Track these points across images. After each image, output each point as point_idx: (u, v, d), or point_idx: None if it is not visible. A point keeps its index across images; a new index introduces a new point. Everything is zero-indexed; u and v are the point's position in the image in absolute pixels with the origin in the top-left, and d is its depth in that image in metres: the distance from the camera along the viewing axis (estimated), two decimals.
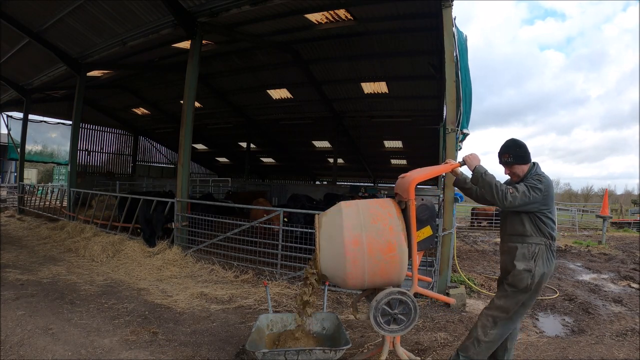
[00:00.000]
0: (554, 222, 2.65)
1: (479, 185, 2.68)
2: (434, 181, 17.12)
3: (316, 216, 2.64)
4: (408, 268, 2.58)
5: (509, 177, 2.82)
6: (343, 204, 2.64)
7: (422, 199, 2.64)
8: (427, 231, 2.57)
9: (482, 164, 2.70)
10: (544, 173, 2.64)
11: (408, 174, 2.64)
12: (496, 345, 2.70)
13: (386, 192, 14.45)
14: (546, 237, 2.59)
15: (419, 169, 2.71)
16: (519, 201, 2.52)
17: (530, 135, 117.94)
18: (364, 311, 3.70)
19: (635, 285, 5.77)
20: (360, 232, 2.45)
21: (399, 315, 2.46)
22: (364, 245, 2.43)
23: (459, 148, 5.21)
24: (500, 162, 2.74)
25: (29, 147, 15.13)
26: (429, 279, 3.53)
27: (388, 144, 16.29)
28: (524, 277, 2.55)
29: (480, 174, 2.63)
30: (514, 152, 2.67)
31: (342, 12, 7.93)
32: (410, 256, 2.50)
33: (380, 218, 2.49)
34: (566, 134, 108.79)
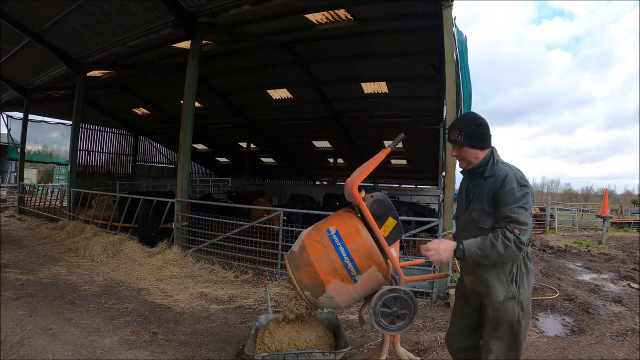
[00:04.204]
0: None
1: (484, 262, 1.99)
2: (434, 181, 17.17)
3: (285, 258, 2.56)
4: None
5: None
6: (304, 236, 2.53)
7: (372, 195, 2.56)
8: (390, 223, 2.49)
9: (450, 248, 2.00)
10: (520, 170, 2.02)
11: (349, 178, 2.54)
12: None
13: (386, 192, 14.45)
14: None
15: (357, 170, 2.59)
16: (529, 234, 1.93)
17: (534, 135, 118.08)
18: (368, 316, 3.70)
19: (635, 285, 5.77)
20: (331, 258, 2.40)
21: (400, 311, 2.45)
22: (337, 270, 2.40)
23: None
24: (449, 139, 2.15)
25: (29, 147, 15.13)
26: (420, 260, 3.49)
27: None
28: (509, 307, 1.98)
29: (476, 256, 1.94)
30: (467, 130, 2.05)
31: (342, 12, 7.92)
32: (385, 254, 2.47)
33: (370, 285, 2.45)
34: (569, 134, 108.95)
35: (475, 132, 2.05)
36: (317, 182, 21.17)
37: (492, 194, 1.98)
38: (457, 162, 2.22)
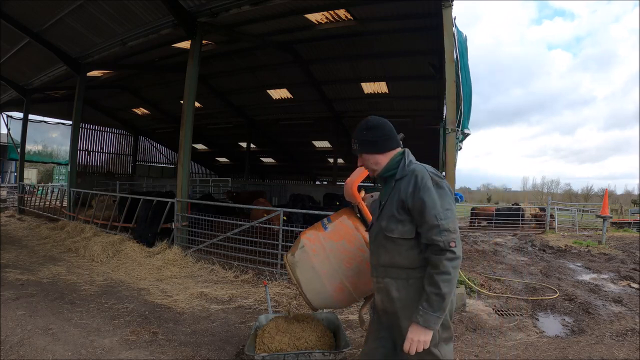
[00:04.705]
0: None
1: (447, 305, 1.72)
2: None
3: (285, 258, 2.54)
4: None
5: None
6: (304, 237, 2.51)
7: (372, 196, 2.55)
8: None
9: (428, 324, 1.67)
10: (433, 168, 1.84)
11: (349, 178, 2.51)
12: None
13: None
14: None
15: (357, 170, 2.51)
16: (459, 249, 1.69)
17: (534, 135, 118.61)
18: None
19: (635, 285, 5.77)
20: (330, 259, 2.41)
21: None
22: (340, 272, 2.38)
23: (459, 148, 5.21)
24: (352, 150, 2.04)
25: (29, 147, 15.14)
26: None
27: None
28: None
29: (439, 318, 1.67)
30: (359, 137, 1.93)
31: (342, 12, 7.93)
32: None
33: (341, 235, 2.43)
34: (570, 134, 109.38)
35: (366, 137, 1.92)
36: (317, 182, 21.18)
37: (403, 197, 1.75)
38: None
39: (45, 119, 17.48)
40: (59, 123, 18.14)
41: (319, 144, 17.81)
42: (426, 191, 1.70)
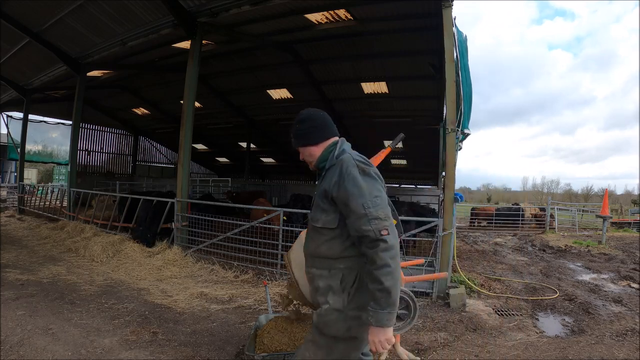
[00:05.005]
0: None
1: (395, 301, 1.63)
2: (434, 181, 17.18)
3: (285, 256, 2.55)
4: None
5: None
6: (303, 234, 2.50)
7: None
8: None
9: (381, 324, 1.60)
10: (361, 155, 1.80)
11: None
12: None
13: (386, 192, 14.45)
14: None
15: None
16: (393, 237, 1.63)
17: (535, 135, 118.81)
18: None
19: (635, 285, 5.77)
20: None
21: (400, 312, 2.45)
22: None
23: (459, 148, 5.22)
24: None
25: (29, 147, 15.14)
26: (420, 260, 3.45)
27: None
28: (331, 319, 1.70)
29: (390, 313, 1.60)
30: (293, 131, 1.98)
31: (342, 12, 7.92)
32: None
33: None
34: (570, 134, 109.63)
35: (298, 130, 1.95)
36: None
37: (326, 187, 1.74)
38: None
39: (45, 119, 17.49)
40: (59, 123, 18.14)
41: None
42: (350, 180, 1.65)
